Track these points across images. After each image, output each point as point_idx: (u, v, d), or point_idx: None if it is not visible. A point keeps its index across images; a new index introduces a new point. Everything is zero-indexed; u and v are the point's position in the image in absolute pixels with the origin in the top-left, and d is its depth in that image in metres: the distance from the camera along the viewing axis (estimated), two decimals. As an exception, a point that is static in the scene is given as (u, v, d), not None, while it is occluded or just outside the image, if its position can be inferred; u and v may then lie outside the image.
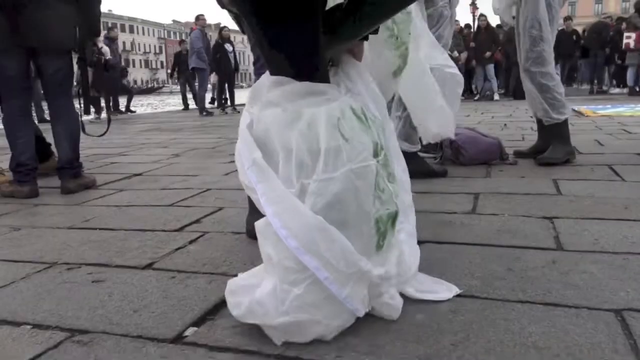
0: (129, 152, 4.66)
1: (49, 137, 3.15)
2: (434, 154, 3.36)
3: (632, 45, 10.63)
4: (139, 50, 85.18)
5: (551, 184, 2.53)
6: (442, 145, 3.26)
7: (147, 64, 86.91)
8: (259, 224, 1.03)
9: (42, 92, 3.12)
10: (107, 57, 3.19)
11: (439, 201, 2.29)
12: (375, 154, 1.02)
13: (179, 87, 12.68)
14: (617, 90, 12.18)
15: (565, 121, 3.05)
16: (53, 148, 3.16)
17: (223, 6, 1.17)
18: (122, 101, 11.92)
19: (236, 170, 3.48)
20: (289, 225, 0.95)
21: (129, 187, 3.02)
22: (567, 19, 12.82)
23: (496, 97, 11.25)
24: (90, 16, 2.95)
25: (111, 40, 10.91)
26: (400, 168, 1.24)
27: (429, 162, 3.05)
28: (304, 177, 0.96)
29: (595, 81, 12.43)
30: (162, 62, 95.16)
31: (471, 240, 1.71)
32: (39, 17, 2.71)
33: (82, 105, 3.05)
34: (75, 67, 3.03)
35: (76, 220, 2.30)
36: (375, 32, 1.25)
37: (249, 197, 1.82)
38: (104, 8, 3.09)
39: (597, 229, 1.77)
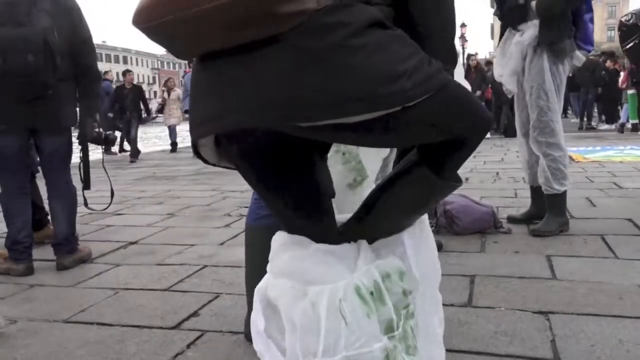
0: (123, 210, 4.65)
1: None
2: (430, 220, 3.39)
3: (619, 83, 10.90)
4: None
5: (545, 263, 2.55)
6: (436, 212, 3.29)
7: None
8: None
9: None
10: (107, 132, 3.21)
11: (435, 285, 2.30)
12: (389, 330, 1.03)
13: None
14: (605, 126, 12.37)
15: (564, 192, 3.08)
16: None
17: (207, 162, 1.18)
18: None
19: (231, 239, 3.47)
20: None
21: (124, 261, 3.01)
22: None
23: (487, 135, 11.35)
24: (90, 94, 2.99)
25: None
26: (437, 319, 1.23)
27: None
28: (312, 356, 0.97)
29: (585, 117, 12.63)
30: (155, 92, 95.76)
31: (469, 347, 1.72)
32: (41, 100, 2.74)
33: (82, 180, 3.06)
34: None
35: (72, 308, 2.29)
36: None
37: (248, 293, 1.83)
38: (98, 39, 3.14)
39: (593, 330, 1.79)
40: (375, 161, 1.49)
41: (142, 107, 10.68)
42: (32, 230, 2.99)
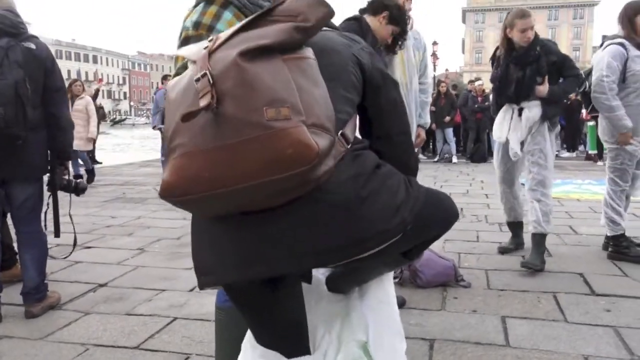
0: (92, 242, 4.65)
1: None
2: (394, 274, 3.52)
3: (583, 115, 11.39)
4: (102, 80, 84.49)
5: (500, 325, 2.70)
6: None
7: (110, 94, 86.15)
8: None
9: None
10: (78, 181, 3.25)
11: (396, 349, 2.43)
12: None
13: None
14: (567, 154, 12.85)
15: (547, 234, 3.74)
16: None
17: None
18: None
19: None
20: None
21: (94, 308, 3.04)
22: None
23: (454, 159, 11.68)
24: (61, 142, 3.00)
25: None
26: None
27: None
28: None
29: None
30: (125, 93, 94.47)
31: None
32: (11, 150, 2.76)
33: (46, 226, 3.08)
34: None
35: (42, 368, 2.33)
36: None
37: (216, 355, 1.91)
38: (67, 37, 3.17)
39: (538, 409, 1.94)
40: None
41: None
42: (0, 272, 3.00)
